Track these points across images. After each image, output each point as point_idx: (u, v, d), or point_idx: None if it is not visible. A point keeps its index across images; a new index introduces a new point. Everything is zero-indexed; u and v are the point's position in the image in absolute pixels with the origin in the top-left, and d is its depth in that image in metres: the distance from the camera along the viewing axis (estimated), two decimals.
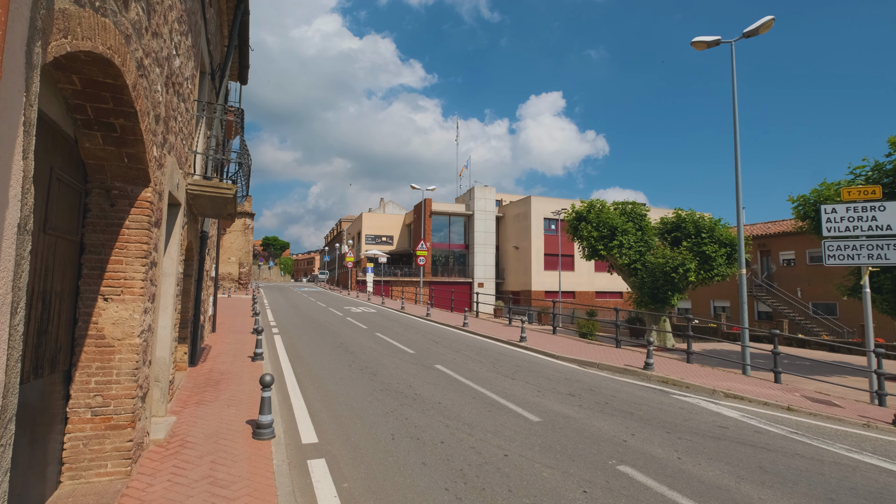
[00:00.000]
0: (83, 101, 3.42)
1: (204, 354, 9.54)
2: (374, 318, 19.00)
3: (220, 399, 6.36)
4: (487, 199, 48.02)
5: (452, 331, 15.43)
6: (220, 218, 8.03)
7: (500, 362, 10.08)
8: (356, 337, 13.24)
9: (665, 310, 20.54)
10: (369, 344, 12.02)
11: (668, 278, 19.02)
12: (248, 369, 8.25)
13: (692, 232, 20.33)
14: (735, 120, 11.16)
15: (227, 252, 44.13)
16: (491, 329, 15.77)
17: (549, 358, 10.86)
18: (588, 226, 21.61)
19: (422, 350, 11.28)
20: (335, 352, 10.79)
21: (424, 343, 12.44)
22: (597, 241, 21.27)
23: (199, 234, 8.27)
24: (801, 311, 28.57)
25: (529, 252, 43.93)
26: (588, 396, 7.47)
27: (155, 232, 4.45)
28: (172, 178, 5.08)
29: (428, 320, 18.58)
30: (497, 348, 11.98)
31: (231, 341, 11.49)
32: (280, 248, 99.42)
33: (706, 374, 9.65)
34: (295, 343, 11.97)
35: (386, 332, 14.31)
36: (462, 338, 13.77)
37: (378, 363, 9.54)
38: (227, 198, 6.34)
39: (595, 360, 10.21)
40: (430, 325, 16.76)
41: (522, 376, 8.77)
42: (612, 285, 47.45)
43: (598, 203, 22.46)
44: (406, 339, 13.14)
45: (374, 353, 10.75)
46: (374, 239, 52.73)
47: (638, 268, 20.84)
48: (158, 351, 5.40)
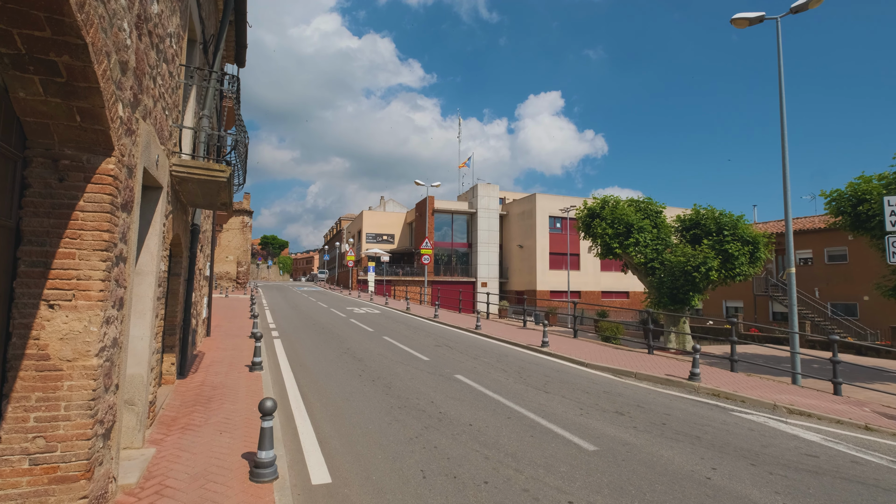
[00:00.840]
0: (7, 25, 2.39)
1: (196, 363, 8.50)
2: (379, 319, 17.98)
3: (211, 422, 5.33)
4: (491, 196, 47.02)
5: (465, 334, 14.41)
6: (214, 209, 7.00)
7: (527, 371, 9.06)
8: (363, 341, 12.22)
9: (685, 311, 19.51)
10: (378, 349, 10.99)
11: (688, 278, 18.02)
12: (246, 382, 7.21)
13: (713, 229, 19.30)
14: (782, 104, 10.16)
15: (225, 250, 43.06)
16: (506, 332, 14.76)
17: (579, 366, 9.84)
18: (602, 223, 20.60)
19: (436, 357, 10.26)
20: (342, 359, 9.77)
21: (437, 348, 11.43)
22: (611, 238, 20.26)
23: (188, 226, 7.23)
24: (819, 311, 27.63)
25: (534, 251, 42.94)
26: (639, 415, 6.46)
27: (122, 217, 3.41)
28: (149, 152, 4.04)
29: (436, 322, 17.56)
30: (518, 355, 10.96)
31: (227, 347, 10.45)
32: (279, 246, 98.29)
33: (758, 386, 8.64)
34: (297, 349, 10.94)
35: (394, 336, 13.28)
36: (477, 342, 12.75)
37: (391, 373, 8.51)
38: (220, 182, 5.30)
39: (631, 369, 9.20)
40: (440, 328, 15.74)
41: (556, 389, 7.75)
42: (618, 285, 46.53)
43: (612, 199, 21.47)
44: (417, 343, 12.12)
45: (385, 360, 9.73)
46: (374, 237, 51.71)
47: (656, 267, 19.82)
48: (132, 368, 4.37)
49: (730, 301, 33.41)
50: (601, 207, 21.11)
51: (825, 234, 27.68)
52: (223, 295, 31.00)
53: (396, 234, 53.49)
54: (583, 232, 21.98)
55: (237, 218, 42.61)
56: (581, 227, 21.87)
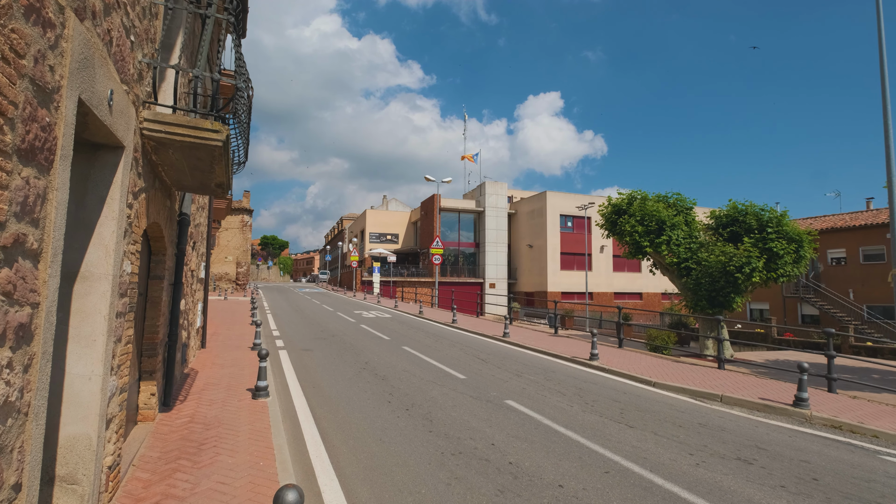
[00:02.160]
0: None
1: (186, 386, 6.89)
2: (392, 325, 16.37)
3: (200, 490, 3.72)
4: (499, 194, 45.45)
5: (495, 343, 12.80)
6: (208, 193, 5.41)
7: (589, 395, 7.46)
8: (381, 353, 10.61)
9: (724, 315, 17.87)
10: (401, 364, 9.39)
11: (729, 279, 16.45)
12: (248, 416, 5.60)
13: (754, 226, 17.69)
14: (883, 69, 8.59)
15: (224, 251, 41.44)
16: (539, 341, 13.15)
17: (647, 386, 8.23)
18: (631, 219, 19.00)
19: (473, 374, 8.66)
20: (361, 377, 8.17)
21: (469, 361, 9.83)
22: (641, 236, 18.67)
23: (174, 215, 5.62)
24: (854, 313, 26.06)
25: (545, 251, 41.37)
26: (772, 464, 4.86)
27: (18, 171, 1.82)
28: (93, 79, 2.45)
29: (457, 328, 15.95)
30: (568, 371, 9.36)
31: (225, 362, 8.84)
32: (279, 247, 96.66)
33: (879, 414, 7.05)
34: (306, 363, 9.34)
35: (415, 346, 11.68)
36: (512, 354, 11.15)
37: (426, 398, 6.91)
38: (213, 147, 3.71)
39: (713, 391, 7.60)
40: (464, 336, 14.13)
41: (638, 421, 6.16)
42: (631, 286, 44.98)
43: (640, 195, 19.86)
44: (443, 355, 10.53)
45: (414, 378, 8.13)
46: (378, 237, 50.12)
47: (691, 267, 18.18)
48: (72, 426, 2.77)
49: (755, 303, 31.84)
50: (628, 203, 19.54)
51: (860, 232, 26.15)
52: (222, 297, 29.39)
53: (401, 233, 51.91)
54: (607, 230, 20.42)
55: (236, 217, 41.01)
56: (606, 224, 20.29)
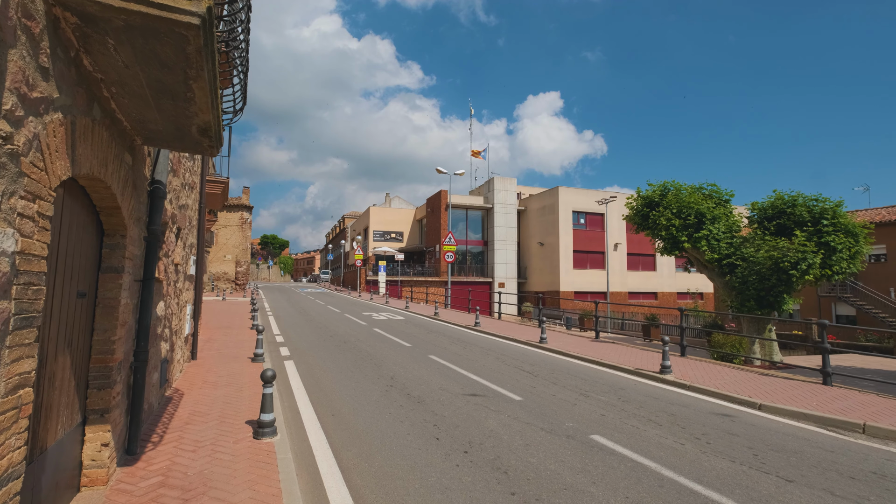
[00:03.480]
0: None
1: (164, 418, 5.18)
2: (408, 328, 14.67)
3: None
4: (508, 190, 43.77)
5: (533, 351, 11.10)
6: (189, 147, 3.71)
7: (690, 424, 5.76)
8: (407, 364, 8.92)
9: (773, 315, 16.14)
10: (435, 379, 7.69)
11: (782, 277, 14.71)
12: (248, 472, 3.89)
13: (807, 218, 15.93)
14: None
15: (223, 249, 39.74)
16: (584, 348, 11.45)
17: (751, 410, 6.52)
18: (666, 212, 17.23)
19: (528, 393, 6.97)
20: (391, 399, 6.47)
21: (515, 375, 8.13)
22: (679, 230, 16.94)
23: (139, 179, 3.90)
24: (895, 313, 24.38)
25: (557, 248, 39.67)
26: None
27: None
28: None
29: (480, 332, 14.25)
30: (643, 389, 7.63)
31: (219, 380, 7.14)
32: (279, 246, 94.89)
33: None
34: (320, 379, 7.64)
35: (444, 355, 9.98)
36: (560, 365, 9.45)
37: (485, 433, 5.22)
38: (184, 24, 2.02)
39: (846, 417, 5.91)
40: (493, 342, 12.43)
41: (784, 467, 4.46)
42: (645, 285, 43.31)
43: (674, 185, 18.12)
44: (481, 367, 8.83)
45: (458, 401, 6.44)
46: (382, 235, 48.42)
47: (737, 264, 16.42)
48: None
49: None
50: (661, 195, 17.81)
51: None
52: (220, 298, 27.68)
53: (405, 231, 50.22)
54: (636, 225, 18.69)
55: (235, 213, 39.31)
56: (635, 219, 18.55)
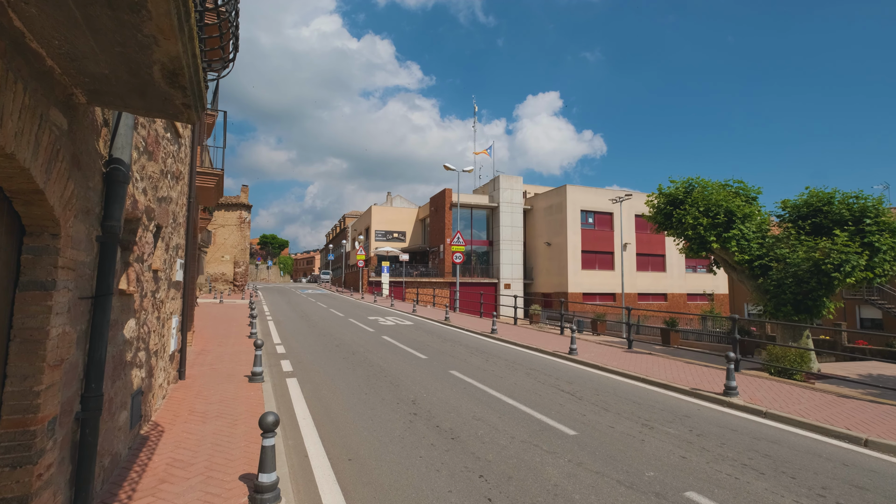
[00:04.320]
0: None
1: (131, 474, 4.02)
2: (419, 336, 13.52)
3: None
4: (514, 189, 42.62)
5: (565, 364, 9.95)
6: (155, 108, 2.62)
7: (791, 468, 4.62)
8: (427, 383, 7.77)
9: (809, 321, 15.00)
10: (466, 405, 6.55)
11: (822, 279, 13.57)
12: None
13: (846, 217, 14.76)
14: None
15: (221, 249, 38.56)
16: (620, 360, 10.30)
17: (859, 448, 5.37)
18: (693, 210, 16.05)
19: (580, 424, 5.83)
20: (418, 434, 5.33)
21: (558, 399, 6.99)
22: (707, 230, 15.78)
23: (88, 157, 2.75)
24: None
25: (565, 249, 38.53)
26: None
27: None
28: None
29: (498, 340, 13.10)
30: (712, 416, 6.48)
31: (209, 409, 5.98)
32: (279, 246, 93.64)
33: None
34: (329, 404, 6.49)
35: (467, 370, 8.84)
36: (604, 383, 8.29)
37: (545, 486, 4.08)
38: None
39: None
40: (517, 352, 11.28)
41: None
42: (655, 286, 42.16)
43: (699, 181, 16.93)
44: (513, 387, 7.69)
45: (501, 438, 5.30)
46: (384, 235, 47.24)
47: (770, 265, 15.26)
48: None
49: None
50: (685, 192, 16.65)
51: None
52: (217, 300, 26.50)
53: (408, 231, 49.04)
54: (658, 224, 17.53)
55: (234, 212, 38.12)
56: (657, 217, 17.38)
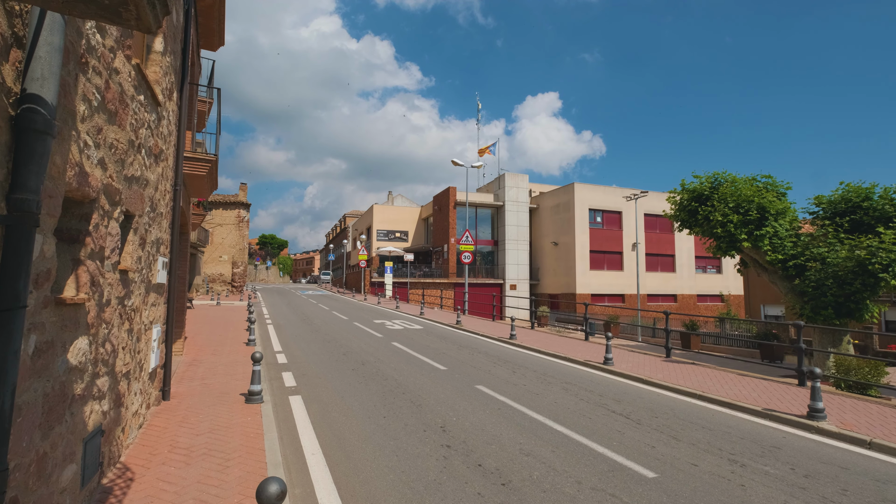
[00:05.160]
0: None
1: None
2: (432, 342, 12.41)
3: None
4: (520, 187, 41.56)
5: (605, 378, 8.85)
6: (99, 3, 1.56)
7: None
8: (453, 401, 6.67)
9: (850, 325, 13.88)
10: (505, 432, 5.45)
11: (867, 281, 12.48)
12: None
13: (891, 213, 13.65)
14: None
15: (219, 249, 37.43)
16: (668, 372, 9.20)
17: None
18: (721, 206, 14.92)
19: (656, 461, 4.73)
20: (455, 475, 4.23)
21: (611, 422, 5.90)
22: (737, 227, 14.64)
23: None
24: None
25: (573, 248, 37.44)
26: None
27: None
28: None
29: (520, 347, 12.00)
30: (805, 447, 5.35)
31: (195, 444, 4.86)
32: (278, 246, 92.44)
33: None
34: (342, 432, 5.38)
35: (495, 384, 7.74)
36: (661, 402, 7.18)
37: None
38: None
39: None
40: (546, 362, 10.18)
41: None
42: (664, 287, 41.08)
43: (727, 176, 15.78)
44: (553, 405, 6.59)
45: (560, 480, 4.20)
46: (386, 235, 46.12)
47: (807, 265, 14.13)
48: None
49: None
50: (712, 187, 15.52)
51: None
52: (214, 302, 25.38)
53: (410, 231, 47.92)
54: (681, 223, 16.40)
55: (232, 211, 37.00)
56: (681, 215, 16.23)
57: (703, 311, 41.42)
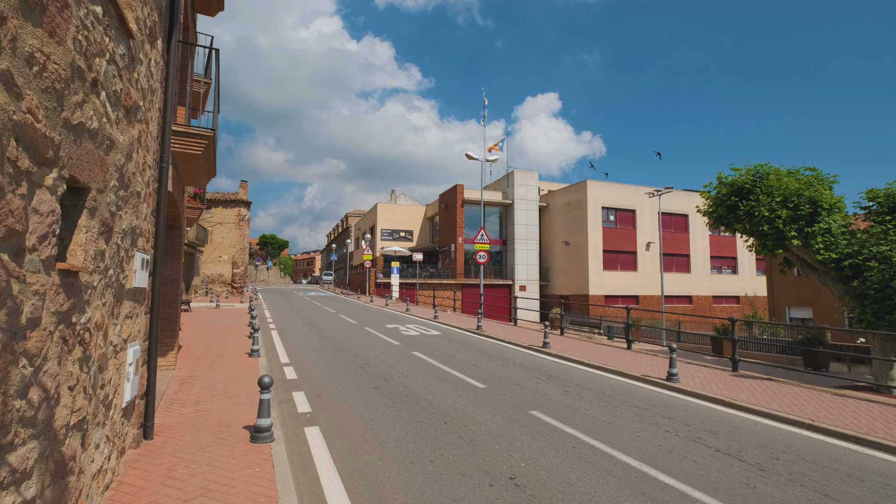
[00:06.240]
0: None
1: None
2: (457, 351, 11.05)
3: None
4: (529, 185, 40.22)
5: (680, 400, 7.48)
6: None
7: None
8: (511, 436, 5.32)
9: None
10: (602, 488, 4.10)
11: None
12: None
13: None
14: None
15: (218, 249, 36.06)
16: (753, 393, 7.81)
17: None
18: (768, 200, 13.50)
19: None
20: None
21: (729, 469, 4.55)
22: (787, 223, 13.22)
23: None
24: None
25: (585, 248, 36.09)
26: None
27: None
28: None
29: (560, 358, 10.64)
30: None
31: None
32: (279, 246, 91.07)
33: None
34: (379, 482, 4.02)
35: (552, 409, 6.39)
36: (773, 436, 5.80)
37: None
38: None
39: None
40: (599, 378, 8.81)
41: None
42: (679, 288, 39.72)
43: (771, 168, 14.33)
44: (637, 441, 5.25)
45: None
46: (391, 234, 44.76)
47: (866, 266, 12.74)
48: None
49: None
50: (753, 180, 14.08)
51: None
52: (214, 304, 24.00)
53: (415, 230, 46.57)
54: (717, 220, 14.98)
55: (232, 209, 35.65)
56: (718, 211, 14.80)
57: (720, 312, 40.06)
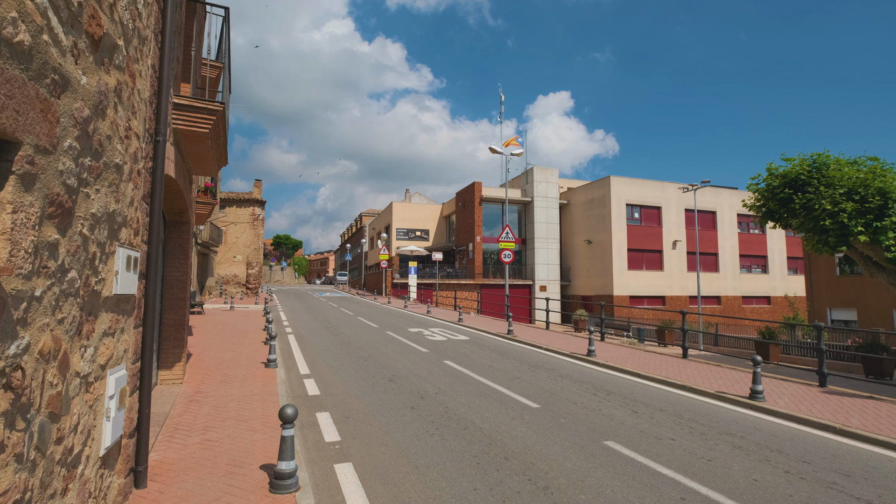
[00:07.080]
0: None
1: None
2: (494, 361, 9.96)
3: None
4: (549, 182, 38.94)
5: (780, 426, 6.27)
6: None
7: None
8: (596, 479, 4.22)
9: None
10: None
11: None
12: None
13: None
14: None
15: (232, 249, 35.47)
16: (859, 416, 6.64)
17: None
18: (831, 192, 12.03)
19: None
20: None
21: None
22: (852, 217, 11.77)
23: None
24: None
25: (609, 247, 34.70)
26: None
27: None
28: None
29: (612, 370, 9.49)
30: None
31: None
32: (293, 247, 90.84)
33: None
34: None
35: (633, 441, 5.28)
36: None
37: None
38: None
39: None
40: (664, 394, 7.65)
41: None
42: (707, 289, 38.01)
43: (833, 159, 12.82)
44: (755, 487, 4.12)
45: None
46: (406, 234, 43.81)
47: None
48: None
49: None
50: (810, 171, 12.59)
51: None
52: (228, 306, 23.25)
53: (431, 229, 45.55)
54: (768, 214, 13.54)
55: (247, 209, 35.02)
56: (769, 205, 13.31)
57: (749, 313, 38.36)
